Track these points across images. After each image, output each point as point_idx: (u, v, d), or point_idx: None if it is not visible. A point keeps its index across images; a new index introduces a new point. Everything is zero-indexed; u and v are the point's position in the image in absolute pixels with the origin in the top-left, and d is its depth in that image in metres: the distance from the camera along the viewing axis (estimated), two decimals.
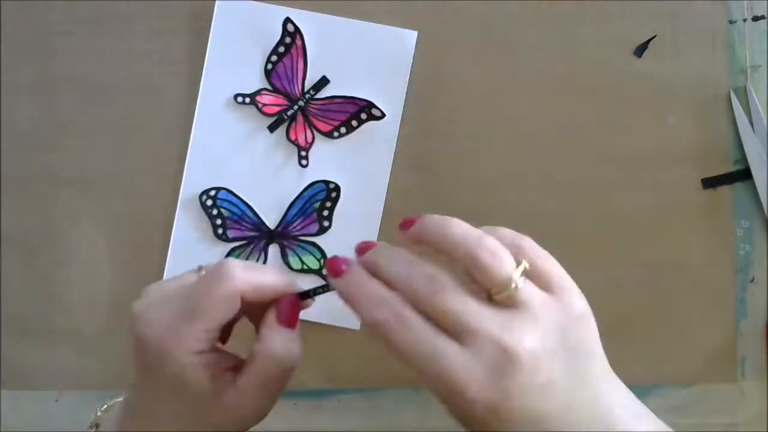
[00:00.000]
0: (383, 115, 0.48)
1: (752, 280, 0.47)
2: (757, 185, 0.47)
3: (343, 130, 0.49)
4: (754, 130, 0.47)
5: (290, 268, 0.49)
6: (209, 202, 0.49)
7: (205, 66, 0.49)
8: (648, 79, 0.47)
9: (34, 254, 0.51)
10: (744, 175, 0.47)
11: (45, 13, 0.50)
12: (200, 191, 0.49)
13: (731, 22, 0.47)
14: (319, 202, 0.49)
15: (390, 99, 0.48)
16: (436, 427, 0.49)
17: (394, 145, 0.48)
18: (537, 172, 0.48)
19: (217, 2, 0.49)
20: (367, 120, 0.48)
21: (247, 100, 0.49)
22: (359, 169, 0.49)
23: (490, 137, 0.48)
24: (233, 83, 0.49)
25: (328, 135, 0.49)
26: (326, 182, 0.49)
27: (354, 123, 0.48)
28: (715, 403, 0.46)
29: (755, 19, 0.47)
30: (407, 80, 0.48)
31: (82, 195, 0.50)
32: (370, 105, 0.48)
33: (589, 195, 0.48)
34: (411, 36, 0.48)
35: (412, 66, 0.48)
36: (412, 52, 0.48)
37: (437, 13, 0.48)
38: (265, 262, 0.49)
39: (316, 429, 0.50)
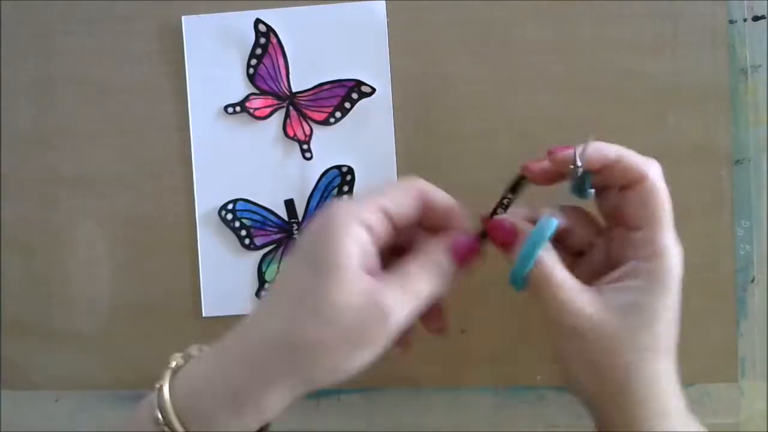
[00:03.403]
0: (373, 90, 0.48)
1: (752, 280, 0.47)
2: (757, 185, 0.47)
3: (338, 114, 0.49)
4: (754, 130, 0.47)
5: None
6: (229, 216, 0.49)
7: (187, 84, 0.49)
8: (648, 79, 0.47)
9: (34, 254, 0.51)
10: (744, 175, 0.47)
11: (45, 13, 0.50)
12: (214, 207, 0.49)
13: (731, 22, 0.47)
14: (336, 188, 0.49)
15: (376, 72, 0.48)
16: (436, 427, 0.49)
17: (392, 115, 0.48)
18: None
19: (183, 18, 0.49)
20: (359, 98, 0.48)
21: (238, 109, 0.49)
22: (364, 147, 0.49)
23: (489, 137, 0.48)
24: (220, 95, 0.49)
25: (325, 123, 0.49)
26: (338, 167, 0.49)
27: (347, 105, 0.48)
28: (715, 403, 0.46)
29: (755, 19, 0.47)
30: (387, 50, 0.48)
31: (82, 195, 0.50)
32: (359, 83, 0.48)
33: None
34: (380, 6, 0.48)
35: (411, 65, 0.48)
36: (385, 22, 0.48)
37: (437, 11, 0.48)
38: None
39: (316, 429, 0.50)
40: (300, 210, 0.49)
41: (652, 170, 0.36)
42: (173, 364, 0.37)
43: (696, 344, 0.47)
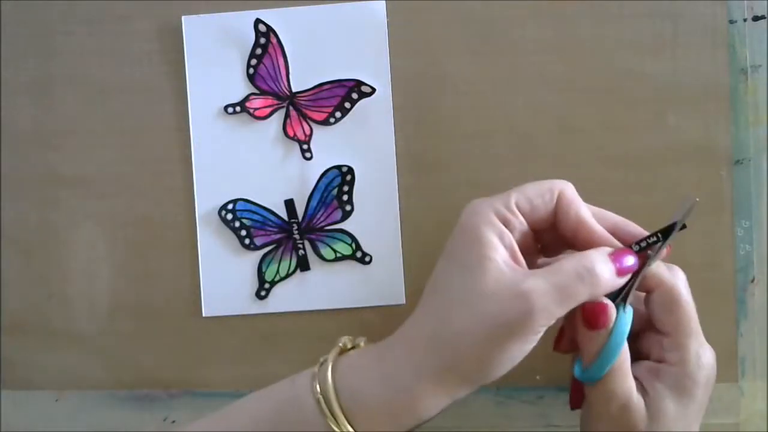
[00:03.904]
0: (373, 90, 0.48)
1: (752, 280, 0.47)
2: (757, 185, 0.47)
3: (338, 114, 0.49)
4: (754, 130, 0.47)
5: (324, 259, 0.49)
6: (229, 216, 0.49)
7: (187, 83, 0.49)
8: (648, 79, 0.47)
9: (34, 254, 0.51)
10: (744, 175, 0.47)
11: (45, 13, 0.50)
12: (214, 207, 0.49)
13: (731, 22, 0.47)
14: (336, 188, 0.49)
15: (376, 72, 0.48)
16: (436, 427, 0.49)
17: (392, 115, 0.48)
18: (536, 171, 0.48)
19: (183, 18, 0.49)
20: (359, 98, 0.48)
21: (238, 109, 0.49)
22: (364, 147, 0.49)
23: (489, 137, 0.48)
24: (220, 95, 0.49)
25: (325, 123, 0.49)
26: (338, 167, 0.49)
27: (347, 105, 0.48)
28: (715, 403, 0.46)
29: (755, 19, 0.47)
30: (387, 50, 0.48)
31: (82, 195, 0.50)
32: (359, 83, 0.48)
33: (588, 195, 0.47)
34: (380, 6, 0.48)
35: (411, 65, 0.48)
36: (385, 22, 0.48)
37: (437, 11, 0.48)
38: (299, 260, 0.49)
39: None
40: (300, 210, 0.49)
41: (676, 277, 0.37)
42: (341, 343, 0.38)
43: None
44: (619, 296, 0.36)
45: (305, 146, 0.49)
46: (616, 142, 0.47)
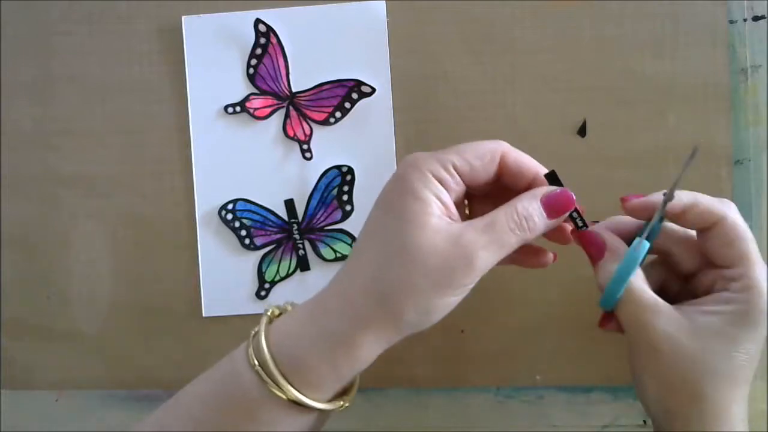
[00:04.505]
0: (373, 90, 0.48)
1: None
2: (757, 185, 0.47)
3: (338, 114, 0.49)
4: (754, 130, 0.47)
5: (324, 259, 0.49)
6: (229, 216, 0.49)
7: (188, 83, 0.49)
8: (648, 79, 0.47)
9: (34, 254, 0.51)
10: (744, 175, 0.47)
11: (45, 13, 0.50)
12: (214, 207, 0.49)
13: (731, 22, 0.47)
14: (336, 188, 0.49)
15: (376, 72, 0.48)
16: (436, 427, 0.49)
17: (392, 115, 0.48)
18: None
19: (183, 18, 0.49)
20: (359, 98, 0.48)
21: (238, 108, 0.49)
22: (364, 147, 0.49)
23: (489, 137, 0.48)
24: (220, 95, 0.49)
25: (325, 123, 0.49)
26: (338, 167, 0.49)
27: (347, 105, 0.48)
28: None
29: (755, 19, 0.47)
30: (387, 50, 0.48)
31: (82, 195, 0.50)
32: (359, 83, 0.48)
33: (588, 195, 0.47)
34: (380, 6, 0.48)
35: (411, 65, 0.48)
36: (385, 22, 0.48)
37: (437, 11, 0.48)
38: (299, 260, 0.49)
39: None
40: (300, 210, 0.49)
41: (731, 210, 0.37)
42: (269, 312, 0.38)
43: None
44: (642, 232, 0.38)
45: (305, 146, 0.49)
46: (616, 142, 0.47)
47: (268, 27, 0.48)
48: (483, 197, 0.39)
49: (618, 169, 0.47)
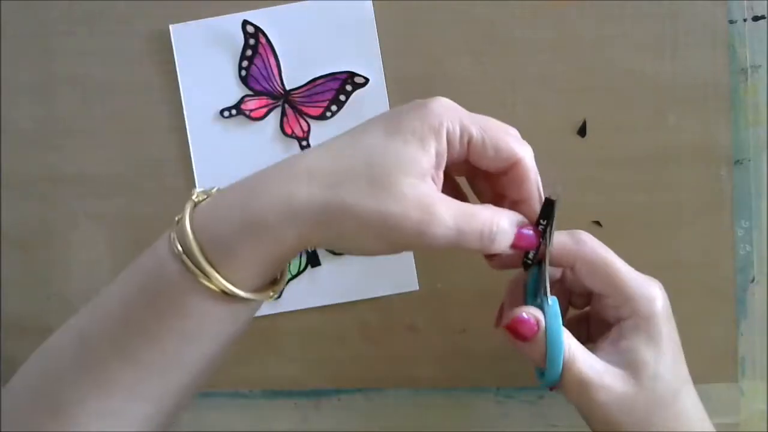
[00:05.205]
0: (367, 80, 0.48)
1: (752, 280, 0.47)
2: (757, 185, 0.47)
3: (334, 108, 0.49)
4: (754, 130, 0.47)
5: (333, 253, 0.49)
6: None
7: (181, 90, 0.49)
8: (648, 79, 0.47)
9: (34, 254, 0.51)
10: (744, 175, 0.47)
11: (45, 13, 0.50)
12: None
13: (731, 22, 0.47)
14: None
15: (368, 62, 0.48)
16: (436, 427, 0.49)
17: (387, 104, 0.48)
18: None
19: (170, 27, 0.49)
20: (354, 90, 0.48)
21: (234, 112, 0.49)
22: None
23: None
24: (214, 99, 0.49)
25: (322, 117, 0.49)
26: None
27: (342, 97, 0.48)
28: (715, 403, 0.46)
29: (755, 19, 0.47)
30: (377, 38, 0.48)
31: (82, 195, 0.50)
32: (352, 74, 0.48)
33: (588, 195, 0.48)
34: (367, 5, 0.48)
35: (411, 65, 0.48)
36: (373, 15, 0.48)
37: (437, 11, 0.48)
38: (308, 257, 0.49)
39: (316, 429, 0.50)
40: None
41: (585, 242, 0.36)
42: (194, 197, 0.35)
43: (696, 344, 0.47)
44: (536, 295, 0.36)
45: (304, 143, 0.49)
46: (616, 142, 0.47)
47: (256, 27, 0.48)
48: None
49: (618, 169, 0.47)
